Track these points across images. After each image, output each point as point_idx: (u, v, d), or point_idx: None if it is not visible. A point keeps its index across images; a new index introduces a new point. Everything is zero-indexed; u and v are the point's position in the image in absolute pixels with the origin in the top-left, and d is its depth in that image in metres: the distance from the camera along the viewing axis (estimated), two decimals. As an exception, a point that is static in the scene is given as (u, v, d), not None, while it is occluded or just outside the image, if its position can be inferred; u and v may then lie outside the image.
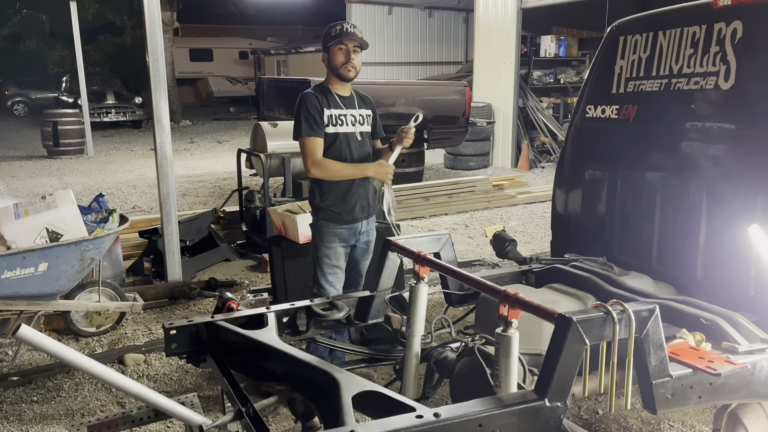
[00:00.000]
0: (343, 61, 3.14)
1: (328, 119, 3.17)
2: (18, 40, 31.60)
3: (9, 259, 3.50)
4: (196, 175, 10.86)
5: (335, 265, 3.26)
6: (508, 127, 11.21)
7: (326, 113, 3.17)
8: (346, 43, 3.12)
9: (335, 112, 3.20)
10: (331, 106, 3.19)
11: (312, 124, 3.13)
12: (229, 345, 2.35)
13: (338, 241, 3.25)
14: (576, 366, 1.82)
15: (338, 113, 3.21)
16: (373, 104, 3.40)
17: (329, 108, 3.18)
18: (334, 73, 3.19)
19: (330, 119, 3.18)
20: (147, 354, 3.91)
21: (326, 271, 3.26)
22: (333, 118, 3.19)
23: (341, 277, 3.30)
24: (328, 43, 3.14)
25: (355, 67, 3.17)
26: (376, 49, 16.24)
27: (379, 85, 10.12)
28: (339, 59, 3.14)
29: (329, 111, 3.18)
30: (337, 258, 3.27)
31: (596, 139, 3.50)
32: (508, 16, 10.90)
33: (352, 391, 1.80)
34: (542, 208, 8.02)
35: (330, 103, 3.19)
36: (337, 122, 3.20)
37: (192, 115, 22.15)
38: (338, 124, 3.20)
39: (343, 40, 3.12)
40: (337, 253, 3.26)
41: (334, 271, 3.26)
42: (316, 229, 3.29)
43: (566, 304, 2.74)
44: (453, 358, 2.61)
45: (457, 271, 2.41)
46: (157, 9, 4.69)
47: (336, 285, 3.27)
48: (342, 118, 3.22)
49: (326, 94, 3.22)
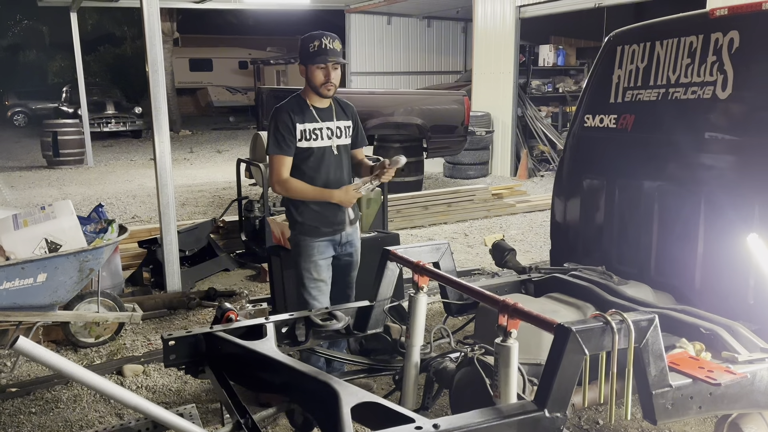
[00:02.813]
0: (323, 81, 3.05)
1: (301, 134, 3.10)
2: (18, 51, 31.73)
3: (8, 269, 3.50)
4: (195, 184, 10.87)
5: (317, 278, 3.20)
6: (507, 136, 11.24)
7: (299, 128, 3.09)
8: (326, 64, 3.03)
9: (309, 126, 3.12)
10: (305, 119, 3.11)
11: (280, 141, 3.09)
12: (228, 356, 2.34)
13: (317, 254, 3.19)
14: (575, 376, 1.81)
15: (313, 127, 3.12)
16: (355, 113, 3.30)
17: (303, 122, 3.10)
18: (312, 89, 3.12)
19: (303, 134, 3.11)
20: (146, 365, 3.89)
21: (309, 286, 3.21)
22: (307, 132, 3.12)
23: (325, 290, 3.24)
24: (307, 60, 3.05)
25: (335, 84, 3.08)
26: (375, 58, 16.33)
27: (377, 95, 10.16)
28: (318, 78, 3.05)
29: (303, 126, 3.10)
30: (319, 271, 3.20)
31: (594, 148, 3.51)
32: (506, 26, 10.95)
33: (351, 402, 1.79)
34: (541, 217, 8.02)
35: (305, 117, 3.11)
36: (311, 137, 3.12)
37: (192, 124, 22.20)
38: (312, 138, 3.12)
39: (324, 60, 3.01)
40: (318, 266, 3.20)
41: (317, 285, 3.21)
42: (295, 244, 3.24)
43: (565, 314, 2.74)
44: (452, 369, 2.60)
45: (456, 281, 2.41)
46: (157, 20, 4.71)
47: (320, 299, 3.21)
48: (317, 132, 3.13)
49: (302, 106, 3.13)
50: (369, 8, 15.18)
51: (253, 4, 15.44)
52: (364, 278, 3.91)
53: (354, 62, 16.09)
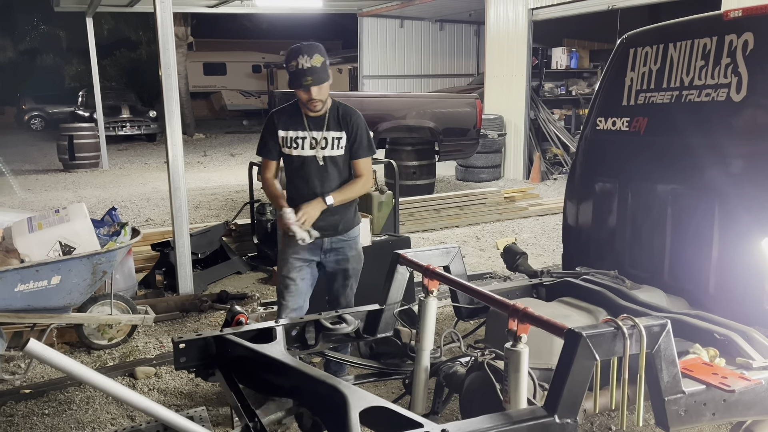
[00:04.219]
0: (306, 100, 3.03)
1: (282, 141, 3.15)
2: (35, 55, 32.16)
3: (22, 272, 3.53)
4: (208, 188, 10.93)
5: (286, 276, 3.22)
6: (519, 139, 11.19)
7: (281, 135, 3.14)
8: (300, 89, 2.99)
9: (292, 134, 3.14)
10: (290, 127, 3.14)
11: (262, 144, 3.22)
12: (238, 359, 2.35)
13: (290, 252, 3.19)
14: (586, 382, 1.80)
15: (295, 135, 3.14)
16: (356, 123, 3.16)
17: (287, 129, 3.13)
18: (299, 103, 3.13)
19: (284, 141, 3.15)
20: (158, 367, 3.91)
21: (279, 282, 3.25)
22: (288, 140, 3.15)
23: (294, 290, 3.22)
24: (288, 79, 3.02)
25: (320, 99, 3.04)
26: (388, 61, 16.34)
27: (389, 98, 10.16)
28: (301, 97, 3.05)
29: (285, 133, 3.14)
30: (288, 269, 3.21)
31: (607, 151, 3.49)
32: (519, 29, 10.92)
33: (360, 407, 1.79)
34: (554, 221, 7.97)
35: (290, 124, 3.13)
36: (291, 144, 3.14)
37: (205, 128, 22.33)
38: (293, 146, 3.14)
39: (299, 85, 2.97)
40: (287, 263, 3.21)
41: (285, 282, 3.21)
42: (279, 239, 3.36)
43: (577, 319, 2.71)
44: (463, 373, 2.59)
45: (466, 285, 2.39)
46: (170, 25, 4.75)
47: (287, 298, 3.21)
48: (299, 140, 3.14)
49: (292, 113, 3.16)
50: (382, 12, 15.20)
51: (267, 8, 15.50)
52: (374, 281, 3.91)
53: (366, 65, 16.12)
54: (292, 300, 3.21)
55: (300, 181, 3.18)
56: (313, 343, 2.67)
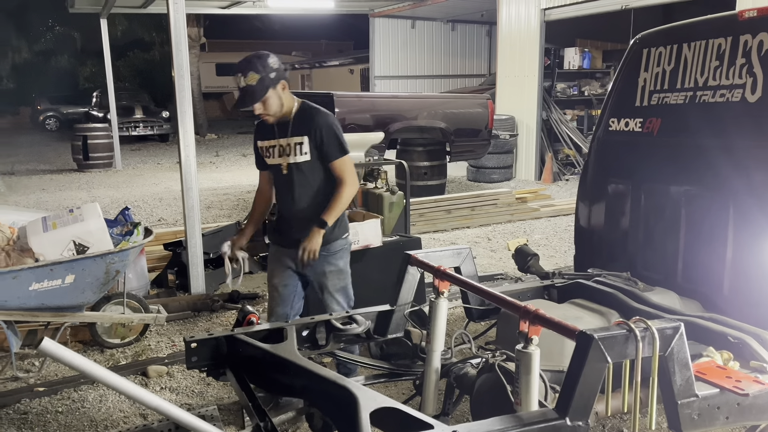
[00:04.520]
0: (256, 114, 2.96)
1: (261, 150, 3.13)
2: (50, 56, 32.50)
3: (37, 271, 3.57)
4: (220, 188, 10.99)
5: (269, 282, 3.22)
6: (531, 140, 11.15)
7: (258, 144, 3.13)
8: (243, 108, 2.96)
9: (265, 143, 3.09)
10: (265, 136, 3.09)
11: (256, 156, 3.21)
12: (249, 358, 2.36)
13: (273, 259, 3.19)
14: (598, 384, 1.78)
15: (267, 145, 3.09)
16: (317, 124, 2.97)
17: (262, 139, 3.10)
18: None
19: (262, 151, 3.13)
20: (170, 366, 3.94)
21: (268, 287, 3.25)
22: (263, 149, 3.12)
23: (277, 298, 3.17)
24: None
25: (270, 113, 2.94)
26: (399, 62, 16.34)
27: (401, 99, 10.15)
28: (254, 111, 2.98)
29: (261, 142, 3.11)
30: (271, 275, 3.20)
31: (619, 152, 3.46)
32: (531, 29, 10.88)
33: (370, 407, 1.79)
34: (566, 222, 7.93)
35: (265, 133, 3.09)
36: (266, 154, 3.11)
37: (218, 128, 22.45)
38: (267, 156, 3.11)
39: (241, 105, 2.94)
40: (272, 270, 3.20)
41: (269, 289, 3.22)
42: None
43: (589, 321, 2.70)
44: (473, 375, 2.58)
45: (477, 286, 2.39)
46: (183, 26, 4.78)
47: (271, 305, 3.21)
48: (270, 149, 3.08)
49: (265, 122, 3.06)
50: (393, 12, 15.21)
51: (279, 8, 15.56)
52: (384, 282, 3.91)
53: (378, 66, 16.14)
54: (276, 308, 3.17)
55: (276, 192, 3.17)
56: (323, 343, 2.67)
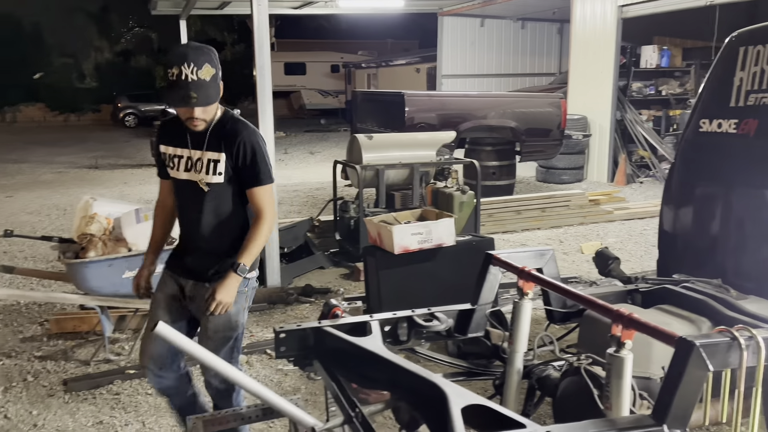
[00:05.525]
0: (185, 118, 2.44)
1: (163, 157, 2.61)
2: (130, 56, 34.16)
3: (130, 260, 3.78)
4: (290, 184, 11.24)
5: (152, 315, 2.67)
6: (604, 141, 10.84)
7: (161, 150, 2.61)
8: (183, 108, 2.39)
9: (171, 150, 2.56)
10: (172, 141, 2.56)
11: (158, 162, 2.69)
12: (334, 350, 2.42)
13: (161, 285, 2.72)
14: (697, 392, 1.74)
15: (173, 153, 2.55)
16: (242, 144, 2.47)
17: (167, 144, 2.58)
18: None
19: (164, 158, 2.60)
20: (248, 355, 4.08)
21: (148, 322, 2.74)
22: (167, 157, 2.59)
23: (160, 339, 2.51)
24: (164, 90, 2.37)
25: (204, 119, 2.43)
26: (467, 61, 16.22)
27: (472, 98, 10.10)
28: (180, 112, 2.44)
29: (165, 148, 2.58)
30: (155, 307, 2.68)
31: (711, 154, 3.33)
32: (606, 27, 10.58)
33: (461, 404, 1.80)
34: (641, 225, 7.68)
35: (173, 138, 2.55)
36: (170, 163, 2.58)
37: (285, 126, 22.96)
38: (171, 166, 2.58)
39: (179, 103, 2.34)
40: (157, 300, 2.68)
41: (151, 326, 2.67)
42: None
43: (678, 327, 2.61)
44: (556, 377, 2.55)
45: (566, 289, 2.36)
46: (266, 26, 4.93)
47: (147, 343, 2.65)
48: (176, 159, 2.55)
49: (177, 124, 2.53)
50: (463, 11, 15.12)
51: (349, 8, 15.75)
52: (458, 281, 3.92)
53: (446, 65, 16.08)
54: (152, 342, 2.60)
55: (179, 210, 2.67)
56: (405, 339, 2.70)
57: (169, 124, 2.62)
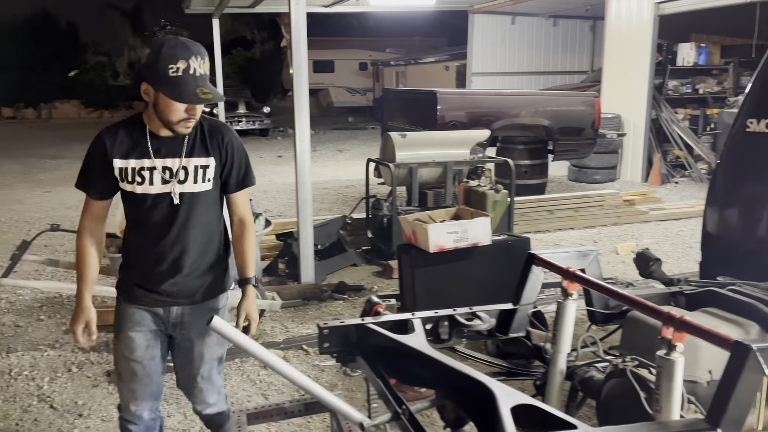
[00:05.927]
0: (182, 118, 2.15)
1: (120, 173, 2.22)
2: (162, 54, 34.69)
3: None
4: (320, 182, 11.30)
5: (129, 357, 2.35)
6: (639, 140, 10.67)
7: (117, 165, 2.20)
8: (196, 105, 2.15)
9: (135, 163, 2.21)
10: (130, 153, 2.21)
11: (84, 174, 2.27)
12: (377, 347, 2.43)
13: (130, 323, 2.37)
14: (753, 397, 1.71)
15: (139, 166, 2.21)
16: (230, 145, 2.31)
17: (126, 157, 2.21)
18: (161, 119, 2.16)
19: (123, 173, 2.22)
20: (285, 351, 4.13)
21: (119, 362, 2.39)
22: (127, 172, 2.21)
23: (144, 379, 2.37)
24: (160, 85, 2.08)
25: (197, 118, 2.20)
26: (498, 58, 16.11)
27: (504, 96, 10.03)
28: (175, 114, 2.13)
29: (124, 162, 2.21)
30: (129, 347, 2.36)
31: (759, 155, 3.26)
32: (642, 24, 10.40)
33: (509, 403, 1.80)
34: (677, 226, 7.55)
35: (132, 149, 2.21)
36: (135, 178, 2.22)
37: (313, 124, 22.97)
38: (137, 181, 2.22)
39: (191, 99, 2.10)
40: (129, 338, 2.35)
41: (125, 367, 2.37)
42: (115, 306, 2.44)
43: (726, 331, 2.56)
44: (600, 379, 2.54)
45: (613, 290, 2.34)
46: (304, 24, 4.97)
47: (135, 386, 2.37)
48: (144, 173, 2.21)
49: (134, 132, 2.22)
50: (493, 8, 15.01)
51: (380, 6, 15.74)
52: (491, 280, 3.91)
53: (475, 62, 15.99)
54: (141, 388, 2.37)
55: (147, 231, 2.28)
56: (446, 337, 2.70)
57: (119, 133, 2.23)
